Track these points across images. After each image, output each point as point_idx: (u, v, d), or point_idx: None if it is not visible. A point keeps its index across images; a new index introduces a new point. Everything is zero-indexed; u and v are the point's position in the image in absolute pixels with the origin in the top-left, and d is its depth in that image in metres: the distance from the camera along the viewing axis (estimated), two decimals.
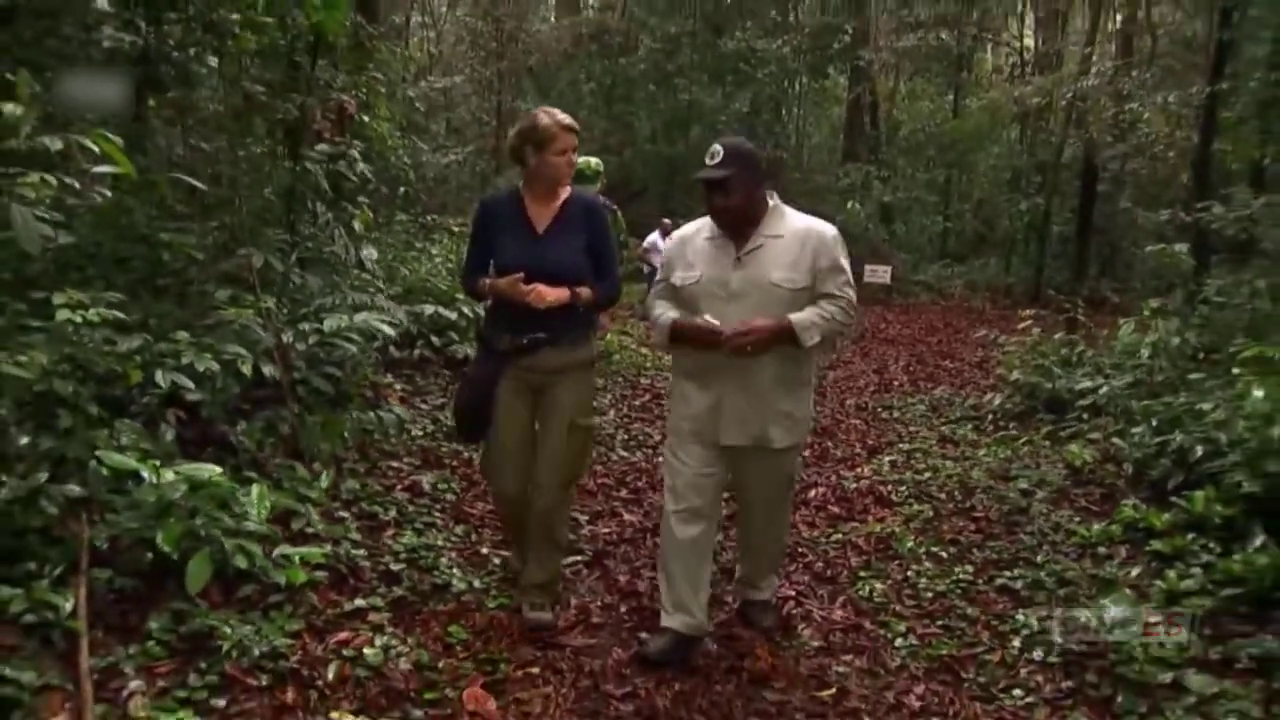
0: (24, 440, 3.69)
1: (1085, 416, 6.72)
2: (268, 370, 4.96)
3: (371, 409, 6.04)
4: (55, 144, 3.94)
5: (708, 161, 3.52)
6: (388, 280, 8.20)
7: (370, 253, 6.76)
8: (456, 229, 11.80)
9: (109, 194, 4.33)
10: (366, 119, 7.84)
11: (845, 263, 3.55)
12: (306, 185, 6.58)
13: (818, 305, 3.47)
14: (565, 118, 3.76)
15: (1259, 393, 4.58)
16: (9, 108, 3.79)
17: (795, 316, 3.42)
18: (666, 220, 16.65)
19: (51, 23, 6.13)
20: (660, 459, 6.45)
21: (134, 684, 3.17)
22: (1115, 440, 5.84)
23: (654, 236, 15.57)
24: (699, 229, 3.72)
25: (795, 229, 3.55)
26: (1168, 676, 3.38)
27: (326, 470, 4.93)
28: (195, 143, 6.55)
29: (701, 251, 3.63)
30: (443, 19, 27.35)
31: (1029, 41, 26.17)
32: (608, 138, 22.91)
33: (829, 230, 3.57)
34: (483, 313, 4.52)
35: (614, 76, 23.92)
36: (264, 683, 3.29)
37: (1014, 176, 22.81)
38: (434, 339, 8.08)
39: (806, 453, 6.82)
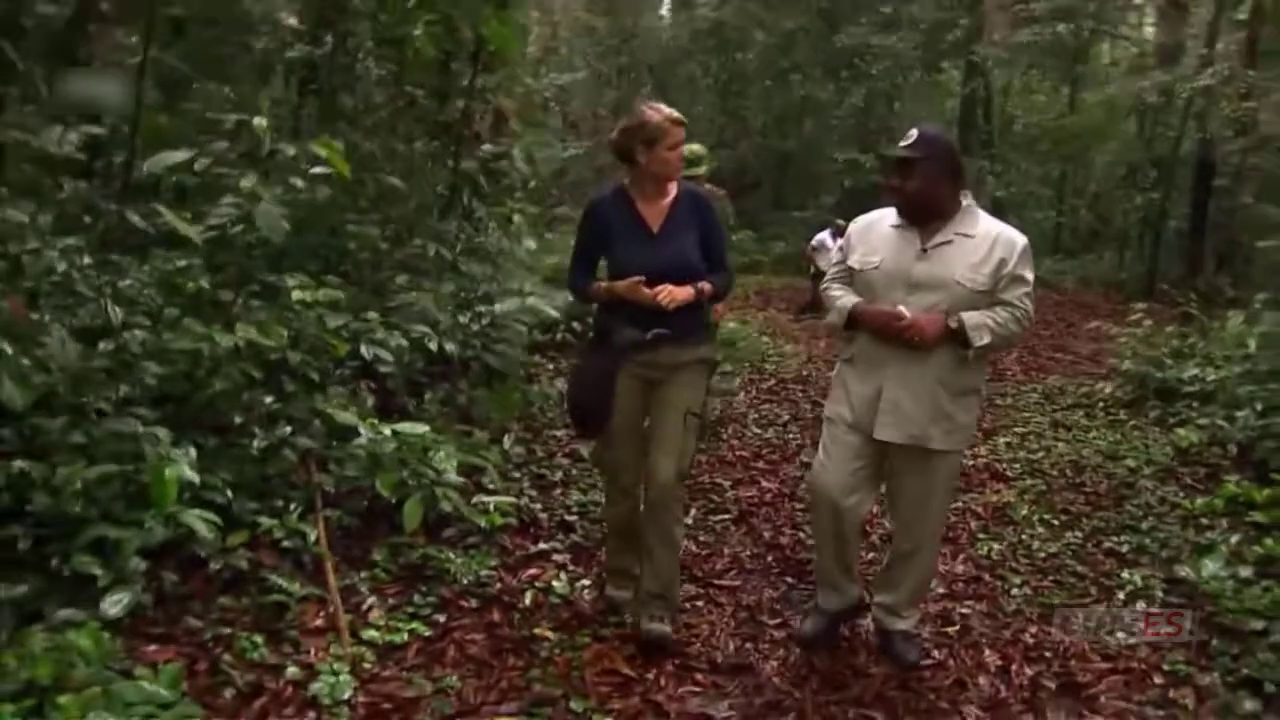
0: (269, 400, 4.40)
1: (1194, 404, 7.05)
2: (449, 347, 5.65)
3: (527, 385, 6.71)
4: (290, 150, 4.68)
5: (901, 142, 3.49)
6: (531, 269, 8.86)
7: (529, 244, 7.41)
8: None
9: (329, 191, 5.00)
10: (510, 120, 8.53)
11: (1030, 275, 3.48)
12: (465, 182, 7.28)
13: (993, 310, 3.40)
14: (672, 112, 3.71)
15: None
16: (257, 120, 4.53)
17: (967, 316, 3.37)
18: (840, 221, 15.31)
19: (219, 31, 6.91)
20: (790, 435, 7.02)
21: (371, 599, 3.85)
22: (1221, 424, 6.21)
23: (823, 235, 14.83)
24: (884, 216, 3.65)
25: (987, 231, 3.48)
26: (1259, 624, 3.83)
27: (506, 435, 5.58)
28: (359, 143, 7.22)
29: (886, 238, 3.58)
30: (558, 16, 28.09)
31: (1149, 32, 25.92)
32: (723, 132, 23.38)
33: (1021, 239, 3.48)
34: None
35: (730, 72, 24.37)
36: (474, 605, 3.95)
37: (1129, 171, 22.66)
38: (574, 324, 8.71)
39: None
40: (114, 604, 3.12)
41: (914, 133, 3.49)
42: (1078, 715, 3.40)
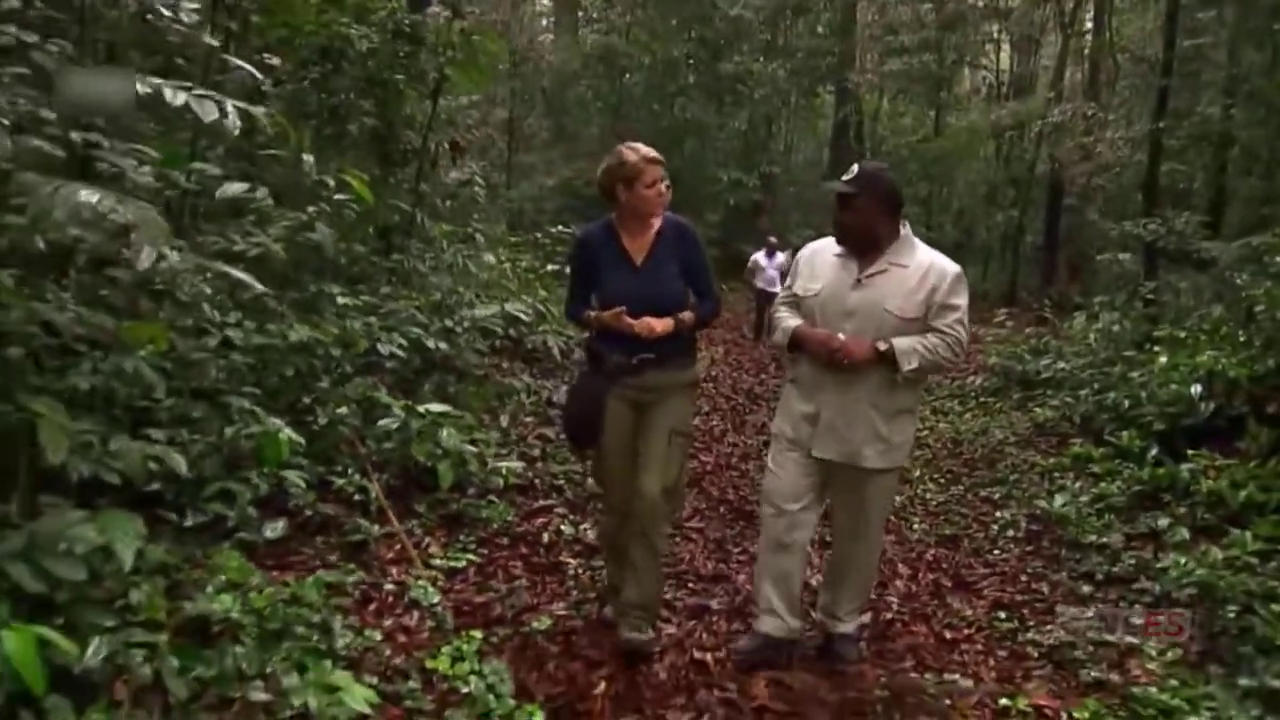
0: (323, 385, 5.40)
1: (1049, 390, 8.50)
2: (442, 345, 6.68)
3: (482, 380, 7.76)
4: (330, 180, 5.68)
5: (843, 177, 3.68)
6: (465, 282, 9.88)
7: (489, 258, 8.46)
8: (515, 239, 13.31)
9: (355, 211, 5.98)
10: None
11: (962, 302, 3.59)
12: (424, 206, 8.31)
13: (925, 336, 3.53)
14: (649, 151, 3.83)
15: (1164, 359, 6.42)
16: (306, 158, 5.51)
17: (898, 341, 3.50)
18: (772, 238, 16.00)
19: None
20: (714, 423, 8.21)
21: (427, 539, 4.89)
22: (1069, 401, 7.64)
23: (757, 256, 15.19)
24: (830, 244, 3.81)
25: (920, 261, 3.61)
26: (1093, 538, 5.15)
27: (500, 417, 6.64)
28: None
29: (828, 265, 3.74)
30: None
31: (1005, 63, 28.16)
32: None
33: (953, 268, 3.60)
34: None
35: (619, 95, 25.57)
36: (506, 542, 5.02)
37: (990, 190, 24.66)
38: (510, 330, 9.75)
39: None
40: (271, 529, 4.16)
41: (855, 168, 3.68)
42: (968, 600, 4.66)
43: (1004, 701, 3.63)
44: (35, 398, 3.13)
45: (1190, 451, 5.56)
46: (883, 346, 3.49)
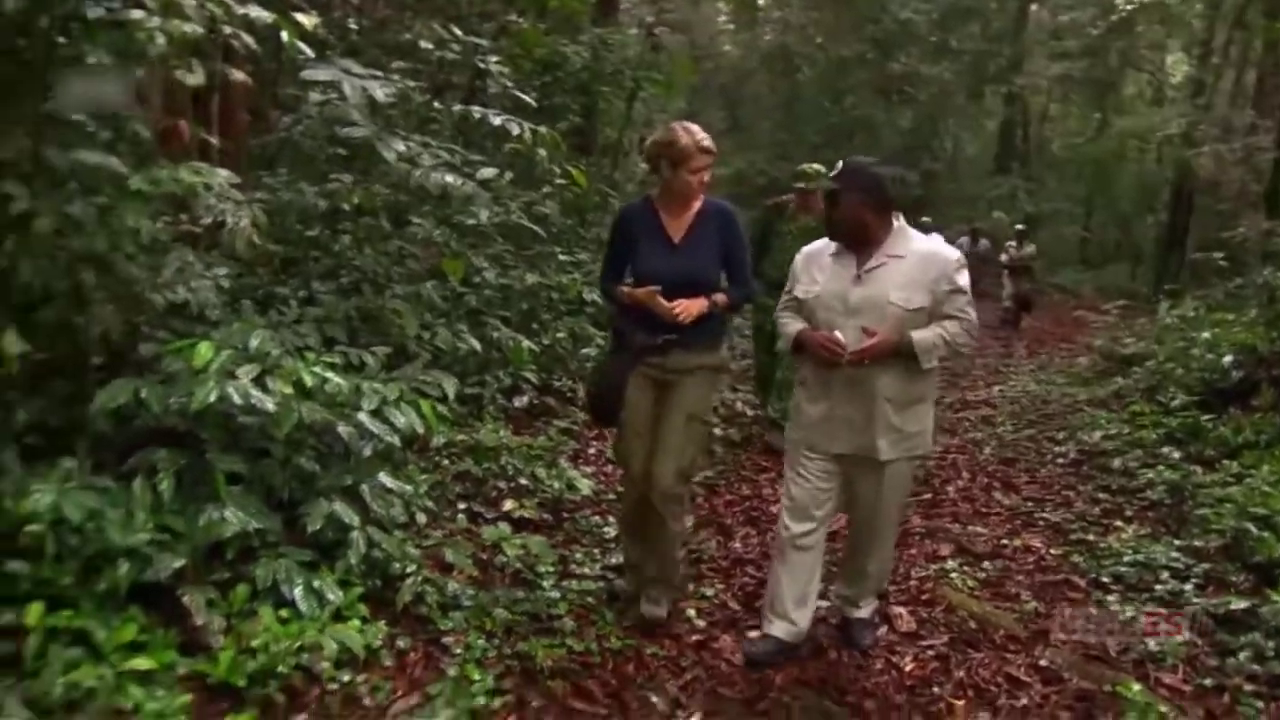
0: (546, 317, 7.38)
1: (1135, 366, 9.91)
2: None
3: None
4: (555, 170, 7.64)
5: (830, 174, 3.74)
6: None
7: None
8: None
9: (573, 194, 7.95)
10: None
11: (966, 284, 3.59)
12: (618, 189, 10.28)
13: (941, 325, 3.56)
14: (704, 139, 3.82)
15: (1206, 334, 7.89)
16: (540, 152, 7.48)
17: (917, 335, 3.53)
18: (978, 224, 18.16)
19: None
20: None
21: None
22: (1136, 370, 9.10)
23: (963, 240, 16.64)
24: (827, 245, 3.79)
25: (918, 250, 3.62)
26: (1118, 463, 6.72)
27: None
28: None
29: (825, 267, 3.73)
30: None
31: (1176, 67, 28.55)
32: (784, 146, 26.16)
33: (951, 254, 3.61)
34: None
35: (792, 92, 27.12)
36: None
37: (1146, 192, 25.34)
38: None
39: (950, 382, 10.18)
40: (519, 401, 6.14)
41: (839, 165, 3.70)
42: (1008, 495, 6.34)
43: (1004, 542, 5.34)
44: (393, 301, 5.18)
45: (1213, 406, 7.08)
46: (899, 339, 3.51)
